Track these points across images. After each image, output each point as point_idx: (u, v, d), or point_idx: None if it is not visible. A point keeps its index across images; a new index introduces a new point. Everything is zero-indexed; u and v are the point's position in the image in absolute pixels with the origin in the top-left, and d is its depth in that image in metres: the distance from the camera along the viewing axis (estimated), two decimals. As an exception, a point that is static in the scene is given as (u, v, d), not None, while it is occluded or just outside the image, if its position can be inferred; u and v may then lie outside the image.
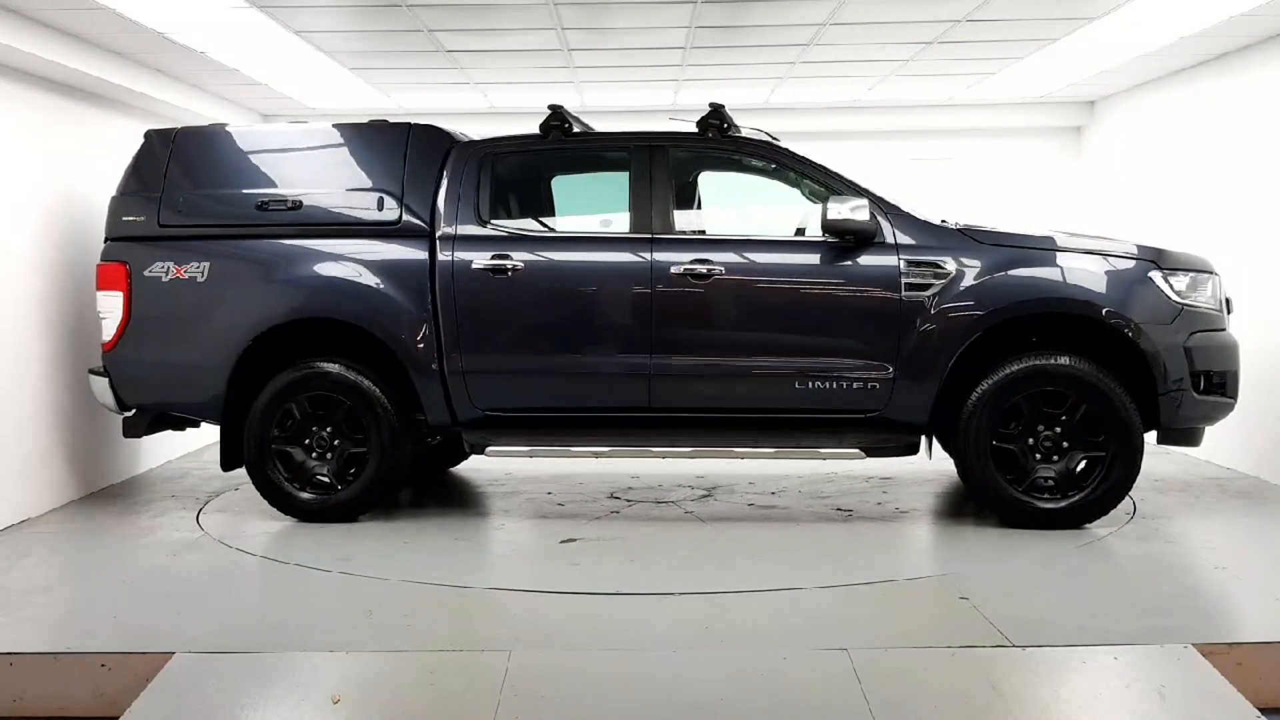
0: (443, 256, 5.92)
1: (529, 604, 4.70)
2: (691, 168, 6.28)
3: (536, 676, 3.88)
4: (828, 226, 5.64)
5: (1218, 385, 5.67)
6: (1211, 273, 5.81)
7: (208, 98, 8.56)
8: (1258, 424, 6.88)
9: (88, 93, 7.43)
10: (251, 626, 4.50)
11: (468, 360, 5.93)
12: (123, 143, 6.89)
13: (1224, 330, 5.77)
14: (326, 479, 6.11)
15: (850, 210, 5.60)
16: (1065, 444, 5.65)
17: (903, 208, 5.85)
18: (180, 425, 6.59)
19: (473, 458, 6.78)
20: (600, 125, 6.65)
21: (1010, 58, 7.82)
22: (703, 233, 6.07)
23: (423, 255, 5.94)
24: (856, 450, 5.76)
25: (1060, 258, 5.69)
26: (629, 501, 6.65)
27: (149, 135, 6.38)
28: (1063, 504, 5.65)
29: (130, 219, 6.17)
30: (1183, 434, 5.77)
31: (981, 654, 4.01)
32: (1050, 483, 5.66)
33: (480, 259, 5.90)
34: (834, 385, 5.71)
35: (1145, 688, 3.77)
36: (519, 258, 5.89)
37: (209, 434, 8.72)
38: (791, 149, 6.02)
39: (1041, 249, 5.72)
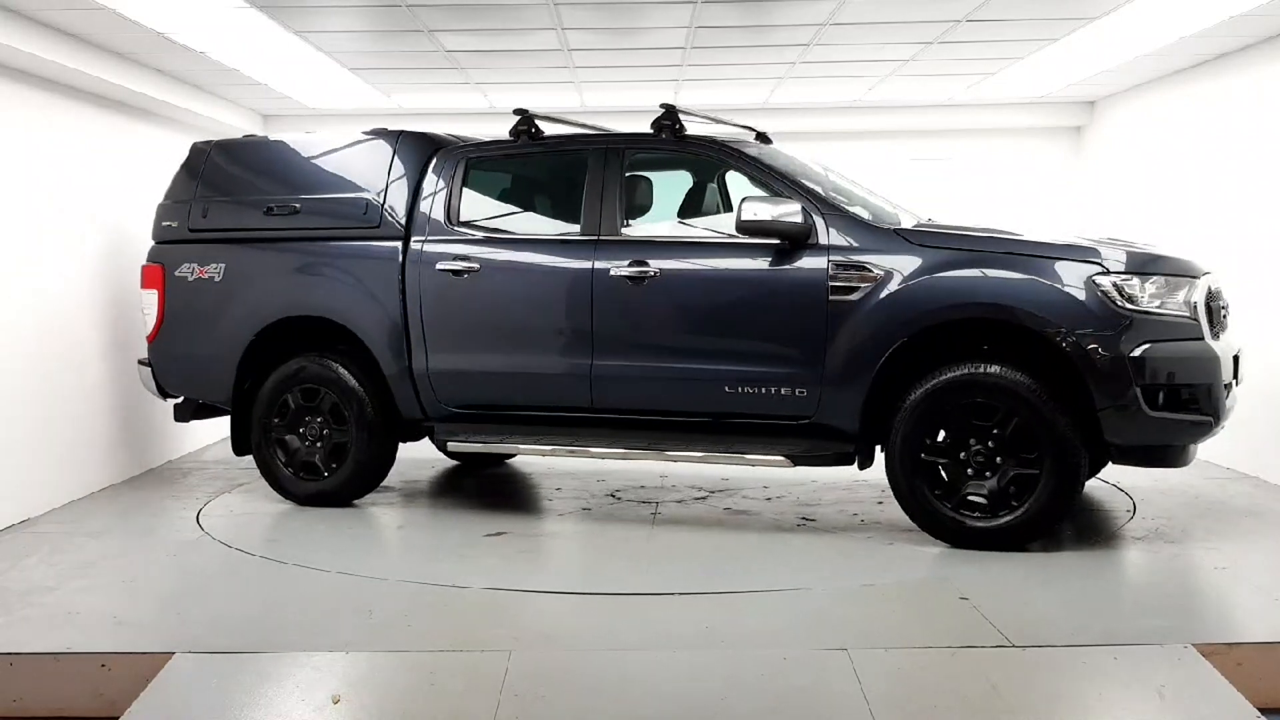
0: (412, 258, 6.17)
1: (528, 604, 4.70)
2: (645, 169, 6.25)
3: (536, 676, 3.89)
4: (740, 228, 5.50)
5: (1186, 401, 5.11)
6: (1186, 276, 5.27)
7: (208, 98, 8.56)
8: (1257, 424, 6.87)
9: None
10: (251, 626, 4.49)
11: (432, 358, 6.15)
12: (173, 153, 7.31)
13: (1198, 340, 5.20)
14: (318, 466, 6.47)
15: (769, 211, 5.42)
16: (998, 459, 5.25)
17: (845, 208, 5.62)
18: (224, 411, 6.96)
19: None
20: (602, 125, 6.68)
21: (1010, 58, 7.82)
22: (647, 235, 6.02)
23: (397, 257, 6.21)
24: (782, 458, 5.54)
25: (993, 260, 5.29)
26: (617, 500, 6.69)
27: (194, 146, 6.95)
28: (993, 524, 5.26)
29: (168, 224, 6.79)
30: (1148, 453, 5.25)
31: (981, 654, 4.01)
32: (981, 500, 5.28)
33: (443, 261, 6.11)
34: (763, 390, 5.56)
35: (1145, 688, 3.77)
36: (476, 260, 6.07)
37: (208, 434, 8.77)
38: (740, 148, 5.92)
39: (977, 251, 5.34)
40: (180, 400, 6.89)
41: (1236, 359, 5.45)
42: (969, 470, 5.31)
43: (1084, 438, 5.18)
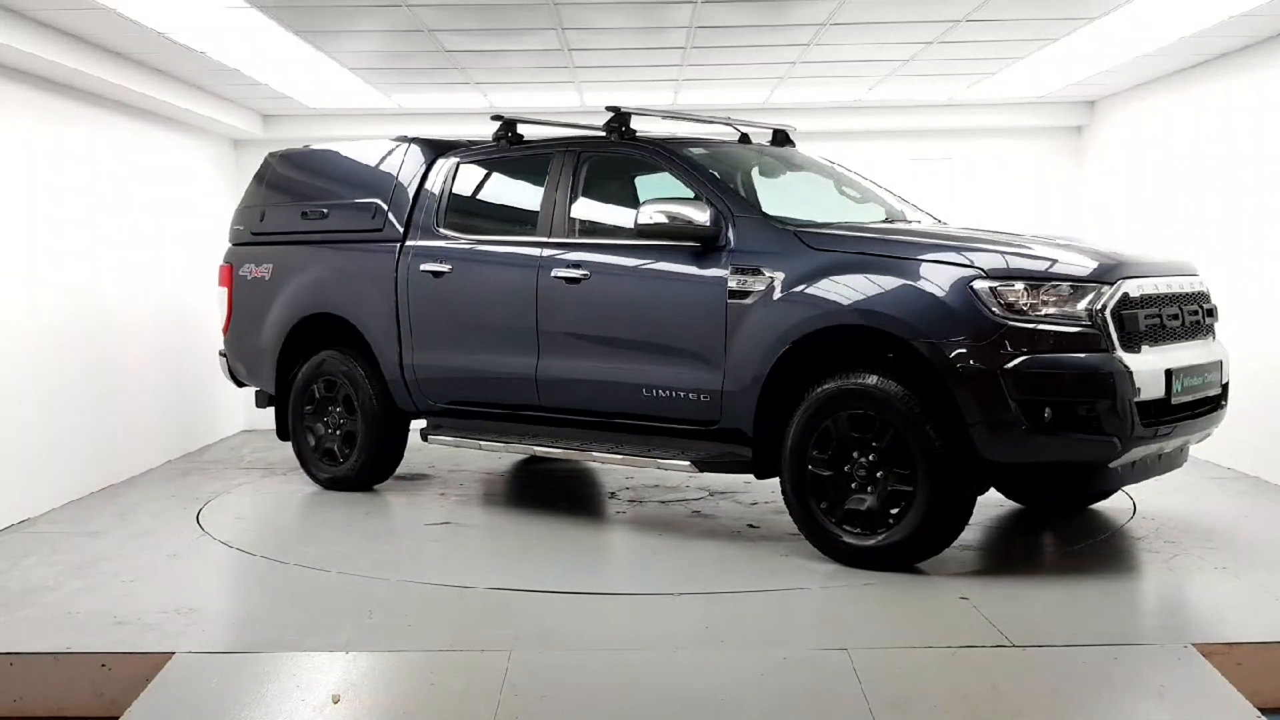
0: (404, 260, 6.49)
1: (529, 604, 4.70)
2: (598, 171, 6.24)
3: (536, 676, 3.89)
4: (638, 230, 5.46)
5: (1084, 419, 4.60)
6: (1089, 281, 4.74)
7: (208, 98, 8.56)
8: (1257, 424, 6.87)
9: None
10: (251, 626, 4.51)
11: (416, 356, 6.46)
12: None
13: (1100, 352, 4.67)
14: (335, 452, 6.92)
15: (666, 213, 5.33)
16: (879, 474, 4.92)
17: (763, 209, 5.50)
18: None
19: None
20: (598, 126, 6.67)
21: (1010, 58, 7.82)
22: (591, 237, 5.99)
23: (394, 258, 6.53)
24: (688, 463, 5.45)
25: (870, 263, 5.00)
26: (614, 497, 6.75)
27: (266, 156, 7.58)
28: (871, 542, 4.93)
29: (238, 227, 7.46)
30: (1053, 472, 4.95)
31: (981, 654, 4.01)
32: (863, 516, 4.97)
33: (426, 263, 6.39)
34: (674, 395, 5.46)
35: (1145, 688, 3.77)
36: (449, 262, 6.31)
37: (208, 435, 8.78)
38: (673, 149, 5.87)
39: (857, 253, 5.07)
40: (258, 390, 7.45)
41: (1170, 373, 4.84)
42: (852, 485, 5.02)
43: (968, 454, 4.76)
